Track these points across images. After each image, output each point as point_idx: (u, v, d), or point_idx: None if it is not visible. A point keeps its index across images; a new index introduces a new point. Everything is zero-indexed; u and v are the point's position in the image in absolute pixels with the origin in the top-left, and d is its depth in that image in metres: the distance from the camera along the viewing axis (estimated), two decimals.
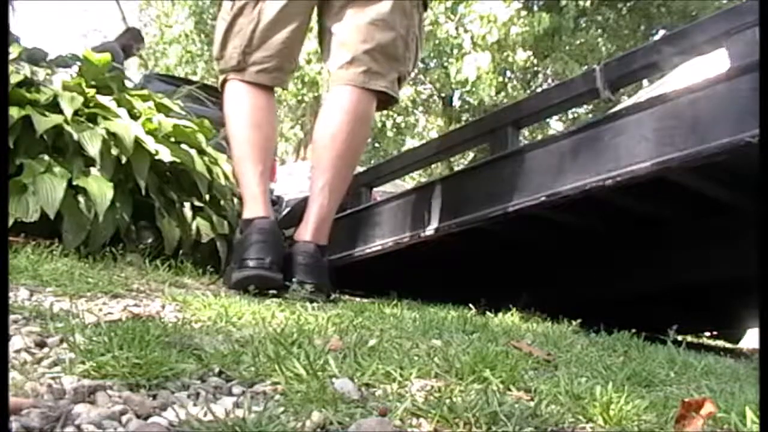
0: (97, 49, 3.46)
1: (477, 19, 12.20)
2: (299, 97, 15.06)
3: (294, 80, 14.27)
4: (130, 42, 6.25)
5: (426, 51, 13.24)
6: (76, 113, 2.15)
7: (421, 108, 15.72)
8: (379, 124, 14.92)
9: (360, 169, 3.29)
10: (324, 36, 2.09)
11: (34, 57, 2.48)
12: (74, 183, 2.01)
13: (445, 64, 13.23)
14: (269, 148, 2.03)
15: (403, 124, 15.58)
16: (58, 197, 1.93)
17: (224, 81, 2.06)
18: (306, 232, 1.92)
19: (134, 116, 2.39)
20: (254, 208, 1.91)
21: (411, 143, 14.86)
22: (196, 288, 1.78)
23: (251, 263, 1.78)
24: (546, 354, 1.15)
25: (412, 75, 2.20)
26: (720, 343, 3.54)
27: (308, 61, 13.27)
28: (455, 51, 12.84)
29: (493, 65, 12.54)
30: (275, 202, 8.15)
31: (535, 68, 13.82)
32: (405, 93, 14.59)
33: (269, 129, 2.02)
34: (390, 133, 15.49)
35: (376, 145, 15.39)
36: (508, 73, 13.82)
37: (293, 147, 17.00)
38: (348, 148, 1.97)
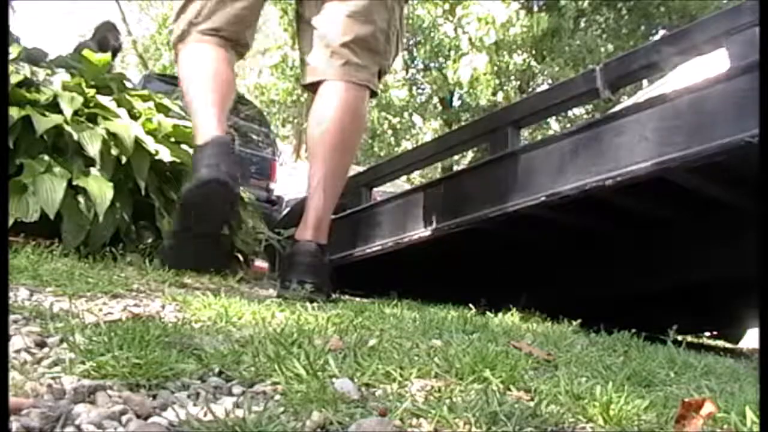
0: (77, 48, 3.45)
1: (475, 20, 12.19)
2: (294, 97, 15.04)
3: (288, 79, 14.24)
4: (105, 36, 6.16)
5: (424, 52, 13.25)
6: (76, 113, 2.15)
7: (419, 109, 15.71)
8: (375, 126, 14.91)
9: (360, 169, 3.29)
10: (302, 28, 2.08)
11: (34, 57, 2.48)
12: (74, 183, 2.01)
13: (443, 65, 13.24)
14: (227, 93, 1.95)
15: (399, 126, 15.56)
16: (58, 197, 1.93)
17: (176, 54, 2.05)
18: (306, 232, 1.90)
19: (134, 116, 2.39)
20: (207, 129, 1.83)
21: (407, 145, 14.83)
22: (196, 288, 1.77)
23: (204, 171, 1.72)
24: (546, 354, 1.15)
25: (392, 69, 2.20)
26: (720, 343, 3.54)
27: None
28: (453, 52, 12.84)
29: (491, 66, 12.54)
30: (275, 202, 8.13)
31: (533, 71, 13.82)
32: (402, 94, 14.58)
33: (226, 78, 1.95)
34: (389, 137, 15.46)
35: (374, 149, 15.36)
36: (506, 75, 13.83)
37: (293, 147, 16.99)
38: (341, 142, 1.94)
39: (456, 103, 15.20)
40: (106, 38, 6.06)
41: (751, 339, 3.65)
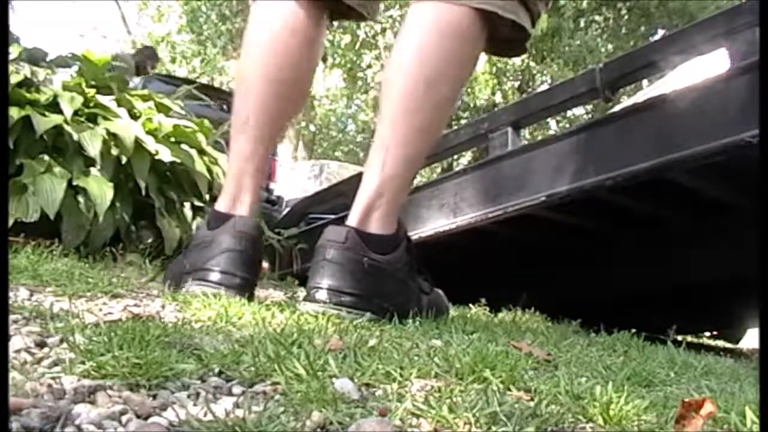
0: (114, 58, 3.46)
1: None
2: None
3: None
4: (144, 60, 6.28)
5: None
6: (76, 113, 2.15)
7: None
8: (373, 126, 14.89)
9: (360, 169, 3.28)
10: None
11: (34, 57, 2.48)
12: (74, 183, 2.02)
13: None
14: (288, 111, 1.48)
15: None
16: (58, 197, 1.93)
17: None
18: (351, 216, 1.39)
19: (134, 116, 2.40)
20: (235, 200, 1.44)
21: None
22: None
23: (214, 277, 1.35)
24: (546, 354, 1.15)
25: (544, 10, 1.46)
26: (720, 343, 3.55)
27: None
28: None
29: (489, 66, 12.53)
30: (275, 202, 8.16)
31: (533, 71, 13.83)
32: None
33: (297, 74, 1.43)
34: None
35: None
36: (505, 75, 13.83)
37: (293, 147, 17.00)
38: (425, 82, 1.30)
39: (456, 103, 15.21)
40: (144, 62, 6.21)
41: (751, 339, 3.65)
